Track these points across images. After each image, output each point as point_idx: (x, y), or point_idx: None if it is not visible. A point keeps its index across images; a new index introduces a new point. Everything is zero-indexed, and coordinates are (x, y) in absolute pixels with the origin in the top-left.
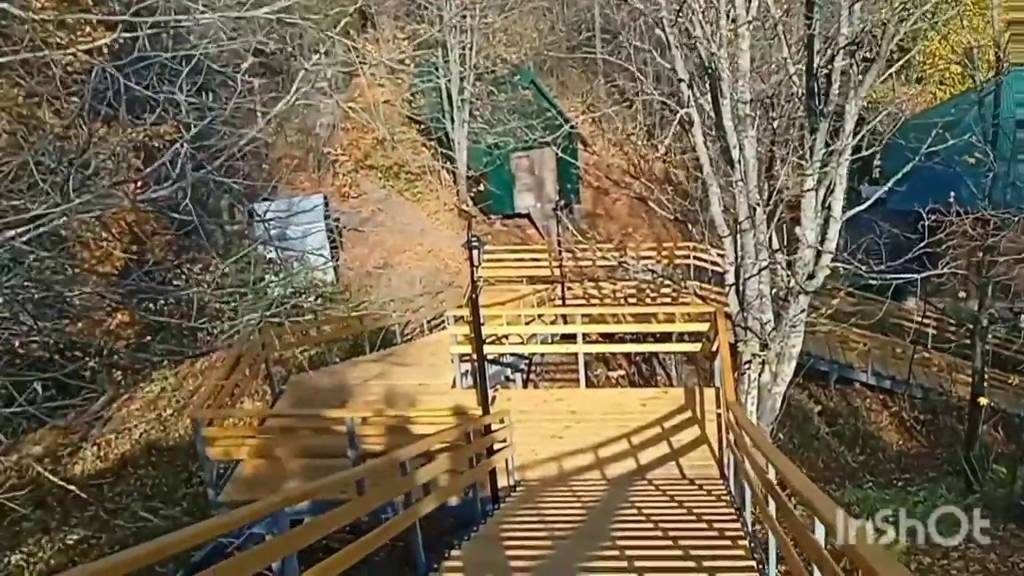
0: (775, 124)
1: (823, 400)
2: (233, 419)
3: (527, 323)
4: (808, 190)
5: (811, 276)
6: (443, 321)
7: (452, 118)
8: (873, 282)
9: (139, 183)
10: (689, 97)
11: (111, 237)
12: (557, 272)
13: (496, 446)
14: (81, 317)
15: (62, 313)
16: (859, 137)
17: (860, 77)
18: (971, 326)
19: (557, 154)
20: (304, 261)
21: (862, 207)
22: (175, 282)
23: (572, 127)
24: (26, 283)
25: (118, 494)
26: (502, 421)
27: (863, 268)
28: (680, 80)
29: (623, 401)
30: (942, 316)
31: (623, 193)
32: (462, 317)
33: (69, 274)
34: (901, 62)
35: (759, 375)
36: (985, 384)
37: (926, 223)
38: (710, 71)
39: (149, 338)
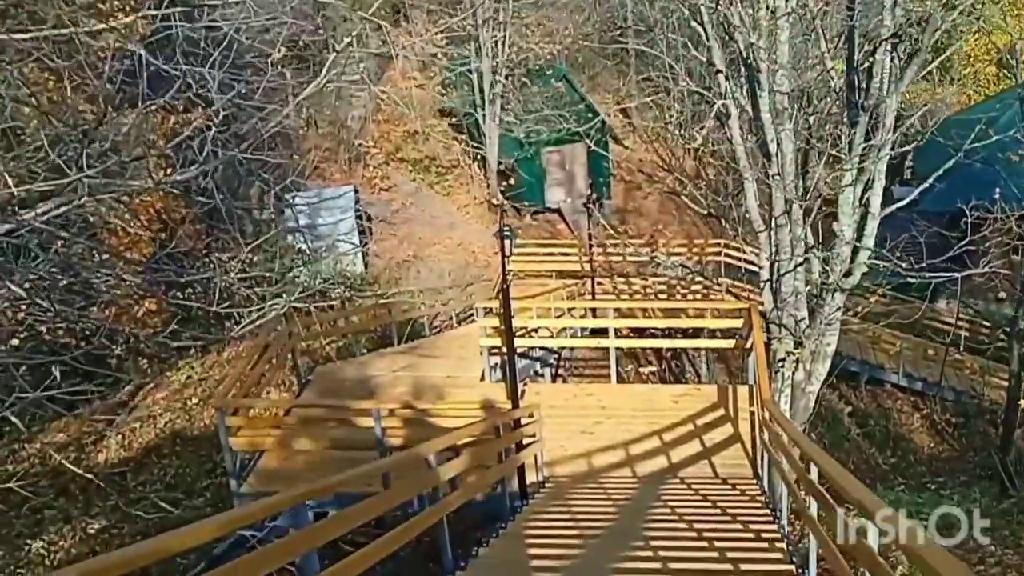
0: (811, 119)
1: (853, 401)
2: (257, 409)
3: (557, 317)
4: (846, 185)
5: (848, 273)
6: (472, 314)
7: (484, 112)
8: (911, 281)
9: (166, 167)
10: (727, 88)
11: (140, 224)
12: (587, 267)
13: (525, 441)
14: (109, 304)
15: (89, 300)
16: (898, 132)
17: (900, 71)
18: (1007, 328)
19: (588, 149)
20: (333, 251)
21: (903, 203)
22: (203, 270)
23: (603, 122)
24: (52, 269)
25: (141, 483)
26: (531, 415)
27: (902, 266)
28: (717, 71)
29: (654, 397)
30: (976, 318)
31: (655, 188)
32: (492, 309)
33: (96, 260)
34: (941, 59)
35: (793, 373)
36: (1023, 387)
37: (968, 220)
38: (748, 62)
39: (176, 326)
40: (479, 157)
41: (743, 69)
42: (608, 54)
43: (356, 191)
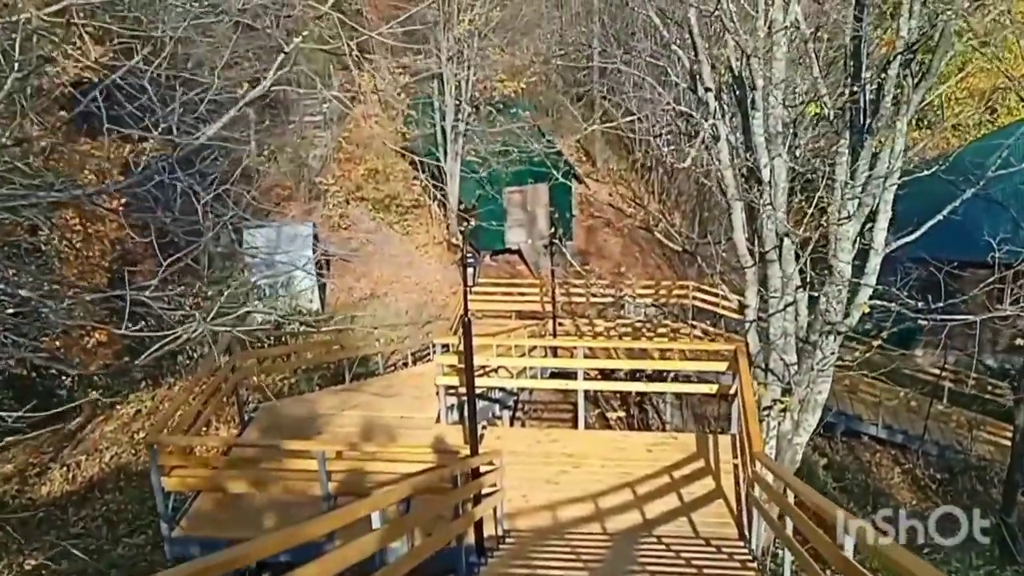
0: (803, 145)
1: (828, 452)
2: (194, 447)
3: (520, 356)
4: (845, 218)
5: (845, 315)
6: (428, 353)
7: (445, 150)
8: (885, 327)
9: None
10: (715, 109)
11: (94, 254)
12: (548, 308)
13: (485, 490)
14: (60, 335)
15: (41, 330)
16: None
17: (912, 90)
18: (1016, 381)
19: (551, 189)
20: (290, 288)
21: (910, 238)
22: (158, 304)
23: (566, 161)
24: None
25: (82, 518)
26: (492, 463)
27: (910, 307)
28: (707, 90)
29: (625, 446)
30: (958, 368)
31: (623, 225)
32: (450, 346)
33: (46, 289)
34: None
35: (779, 423)
36: None
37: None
38: (741, 79)
39: (128, 359)
40: (440, 197)
41: (735, 89)
42: (572, 96)
43: (315, 228)
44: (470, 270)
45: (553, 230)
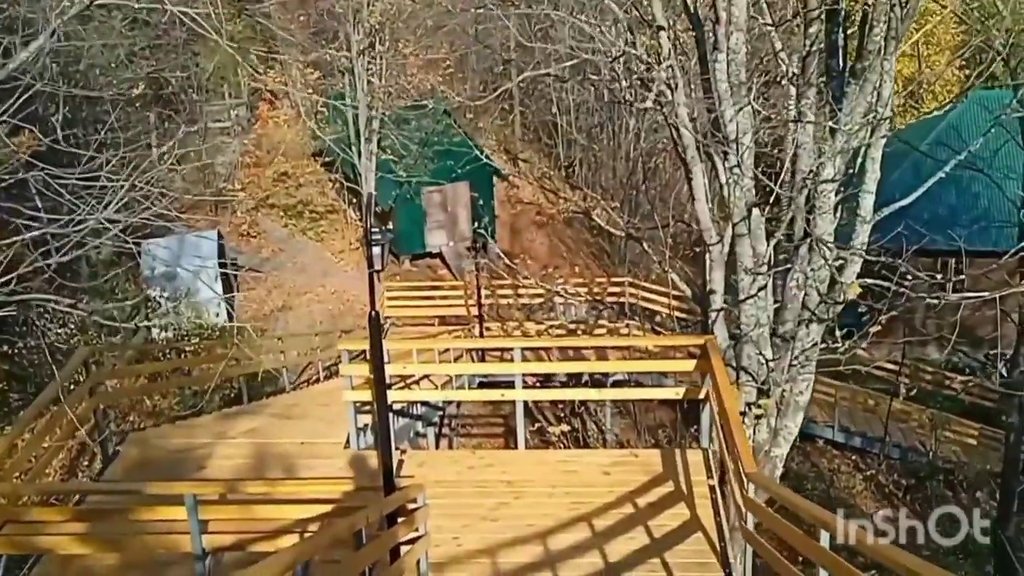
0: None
1: None
2: (28, 496)
3: (451, 361)
4: (825, 181)
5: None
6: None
7: (359, 150)
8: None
9: None
10: (669, 51)
11: None
12: (474, 311)
13: (406, 537)
14: None
15: None
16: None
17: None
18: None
19: (471, 188)
20: (191, 301)
21: (903, 202)
22: (45, 323)
23: (487, 160)
24: None
25: None
26: (414, 501)
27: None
28: (659, 28)
29: (577, 467)
30: (916, 364)
31: (549, 218)
32: (362, 353)
33: None
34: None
35: (754, 431)
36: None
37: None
38: (697, 18)
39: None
40: (355, 200)
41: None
42: (489, 92)
43: (220, 236)
44: (377, 251)
45: (476, 224)
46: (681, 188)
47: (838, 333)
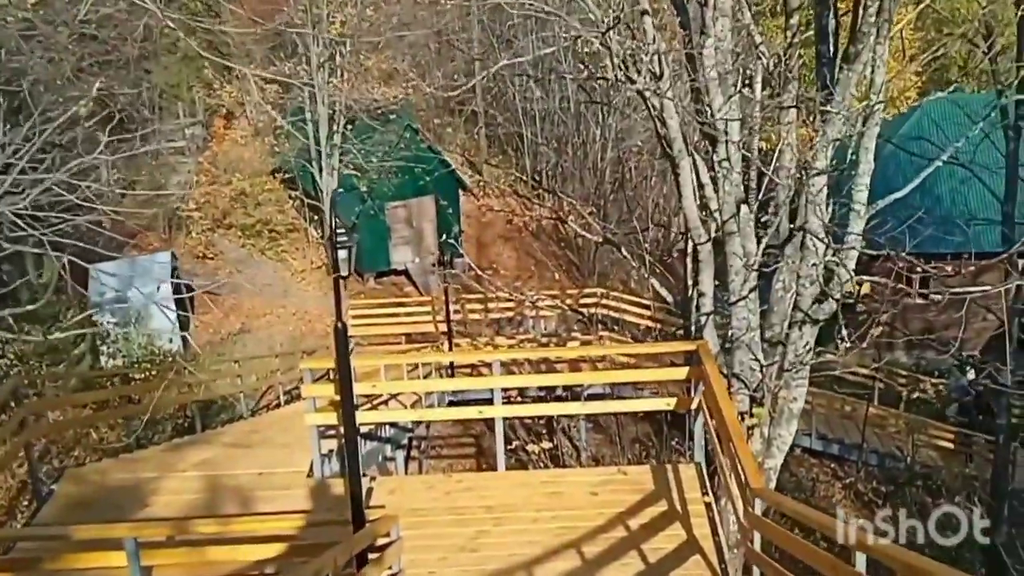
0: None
1: None
2: None
3: (419, 375)
4: (817, 173)
5: (820, 298)
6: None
7: (320, 166)
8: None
9: None
10: (654, 36)
11: None
12: (442, 328)
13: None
14: None
15: None
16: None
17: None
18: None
19: (437, 202)
20: (142, 326)
21: (901, 193)
22: None
23: (453, 173)
24: None
25: None
26: (387, 535)
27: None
28: (644, 13)
29: (562, 489)
30: (890, 367)
31: (516, 228)
32: (326, 373)
33: None
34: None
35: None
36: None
37: None
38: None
39: None
40: (316, 215)
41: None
42: (453, 106)
43: (174, 257)
44: (343, 254)
45: (443, 237)
46: (653, 195)
47: (844, 332)
